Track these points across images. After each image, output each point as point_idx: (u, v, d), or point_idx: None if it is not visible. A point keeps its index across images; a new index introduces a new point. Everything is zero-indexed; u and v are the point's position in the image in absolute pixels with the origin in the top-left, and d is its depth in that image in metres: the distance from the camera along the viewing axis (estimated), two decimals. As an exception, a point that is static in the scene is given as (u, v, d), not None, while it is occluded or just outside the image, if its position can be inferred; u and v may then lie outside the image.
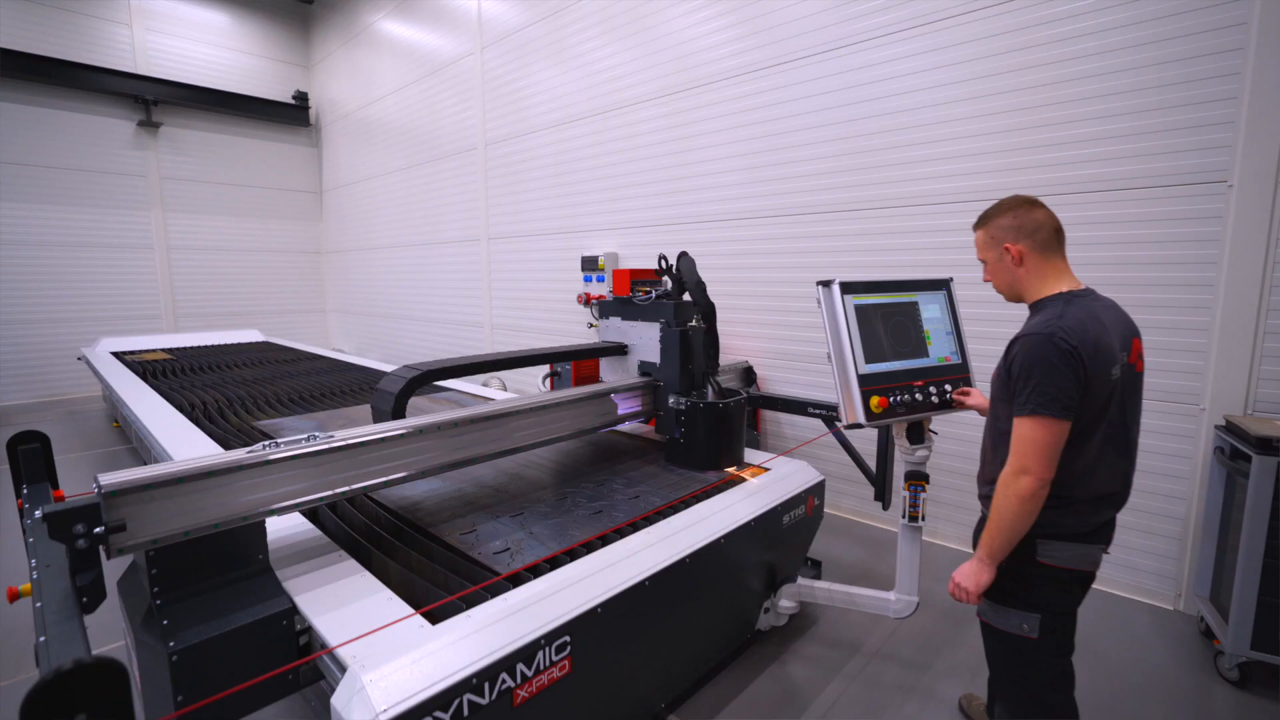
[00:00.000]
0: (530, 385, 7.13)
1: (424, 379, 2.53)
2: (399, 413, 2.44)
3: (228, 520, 1.73)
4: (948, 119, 3.78)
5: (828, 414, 3.49)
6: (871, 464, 3.46)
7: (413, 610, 1.68)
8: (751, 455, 3.16)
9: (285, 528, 2.18)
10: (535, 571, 1.92)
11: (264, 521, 1.84)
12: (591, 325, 6.25)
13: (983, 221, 1.88)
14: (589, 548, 2.10)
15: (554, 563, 1.99)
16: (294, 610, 1.70)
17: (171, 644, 1.49)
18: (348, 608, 1.71)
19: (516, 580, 1.87)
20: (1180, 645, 2.97)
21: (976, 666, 2.78)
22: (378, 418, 2.51)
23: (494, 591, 1.80)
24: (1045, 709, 1.80)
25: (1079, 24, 3.26)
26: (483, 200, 7.54)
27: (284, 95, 10.72)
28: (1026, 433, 1.62)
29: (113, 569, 1.74)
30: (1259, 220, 2.84)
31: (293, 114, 10.74)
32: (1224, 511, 2.87)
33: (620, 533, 2.23)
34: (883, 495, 3.40)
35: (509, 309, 7.43)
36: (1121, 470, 1.72)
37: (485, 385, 6.33)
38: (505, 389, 7.06)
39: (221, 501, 1.73)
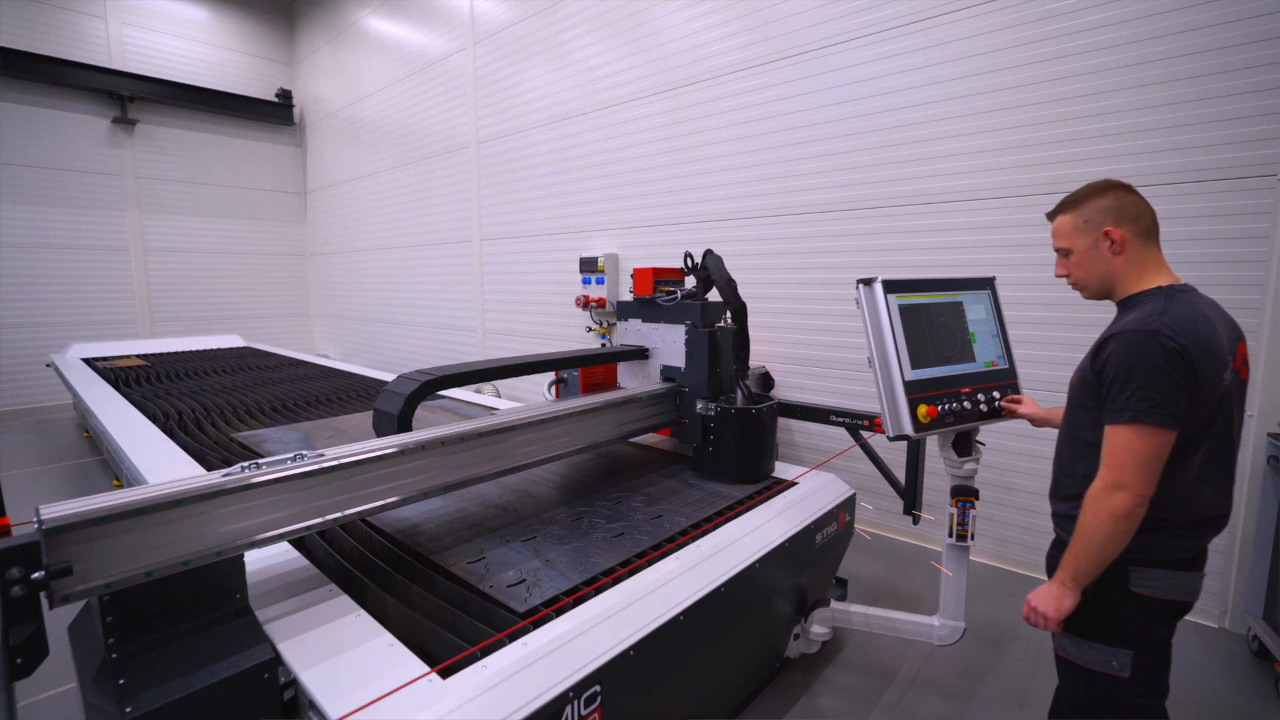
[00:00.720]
0: (525, 392, 6.87)
1: (436, 385, 2.28)
2: (405, 422, 2.19)
3: (200, 555, 1.47)
4: (966, 113, 3.62)
5: (851, 422, 3.28)
6: (898, 474, 3.26)
7: (420, 663, 1.43)
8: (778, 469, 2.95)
9: (267, 557, 1.92)
10: (555, 607, 1.68)
11: (243, 555, 1.59)
12: (591, 329, 6.02)
13: (1072, 204, 1.63)
14: (613, 576, 1.87)
15: (575, 595, 1.75)
16: (277, 660, 1.45)
17: (128, 709, 1.24)
18: (342, 657, 1.46)
19: (535, 618, 1.63)
20: (1233, 666, 2.79)
21: (1023, 695, 2.58)
22: (380, 428, 2.26)
23: (511, 633, 1.56)
24: None
25: (1110, 12, 3.10)
26: (475, 200, 7.28)
27: (267, 93, 10.39)
28: (1124, 443, 1.41)
29: (60, 617, 1.48)
30: (1311, 215, 2.69)
31: (276, 112, 10.41)
32: (1279, 524, 2.70)
33: (646, 558, 2.00)
34: (913, 509, 3.20)
35: (503, 313, 7.17)
36: (1226, 490, 1.52)
37: (478, 392, 6.06)
38: (499, 395, 6.80)
39: (193, 534, 1.47)
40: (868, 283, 2.19)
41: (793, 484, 2.69)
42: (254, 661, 1.41)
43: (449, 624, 1.63)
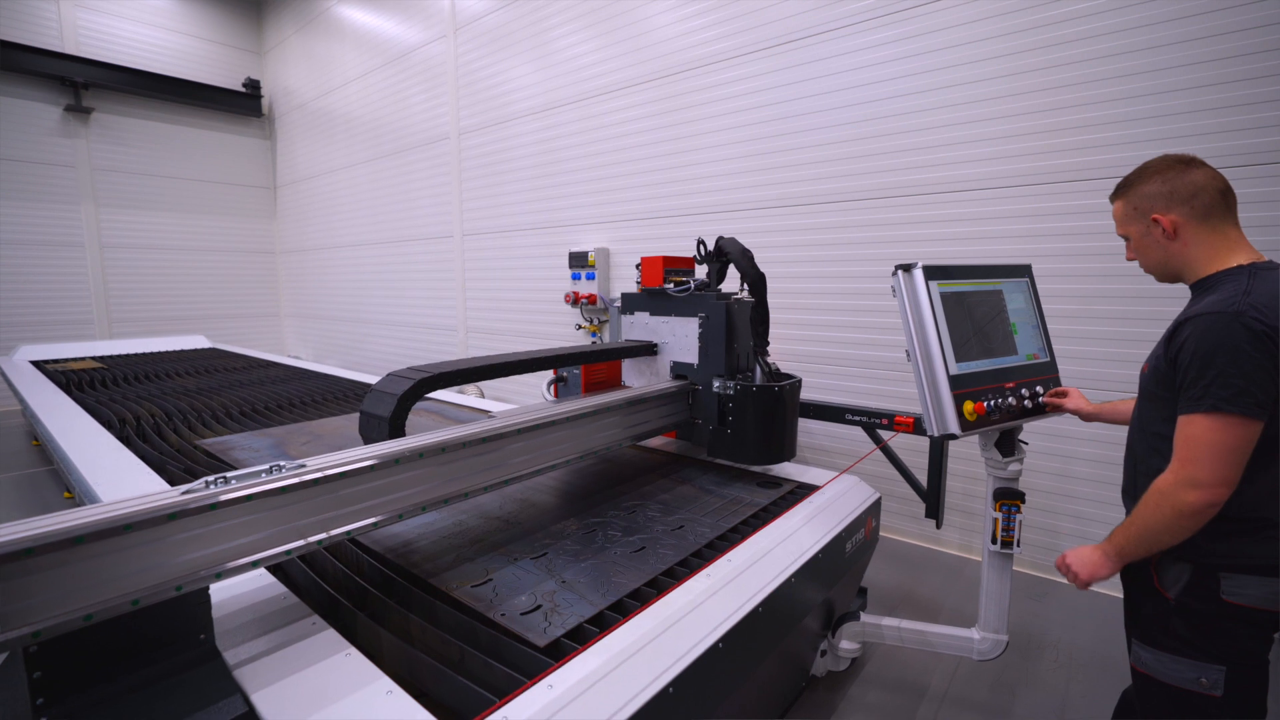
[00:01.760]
0: (510, 393, 6.60)
1: (432, 383, 2.03)
2: (398, 426, 1.94)
3: (154, 591, 1.21)
4: (972, 100, 3.50)
5: (869, 421, 3.10)
6: (919, 475, 3.10)
7: (427, 715, 1.20)
8: (798, 472, 2.77)
9: (237, 584, 1.66)
10: (583, 644, 1.46)
11: (207, 588, 1.33)
12: (581, 327, 5.79)
13: (1122, 190, 1.54)
14: (639, 599, 1.65)
15: (600, 622, 1.53)
16: (251, 716, 1.20)
17: (61, 790, 0.99)
18: (331, 710, 1.22)
19: (563, 661, 1.41)
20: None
21: (1060, 708, 2.43)
22: (369, 433, 2.00)
23: (528, 670, 1.33)
24: None
25: (1134, -8, 3.00)
26: (456, 194, 6.99)
27: (233, 83, 9.91)
28: (1201, 434, 1.28)
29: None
30: (1344, 202, 2.60)
31: (243, 103, 9.94)
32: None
33: (674, 575, 1.79)
34: (936, 512, 3.04)
35: (486, 311, 6.89)
36: None
37: (460, 393, 5.78)
38: (483, 396, 6.52)
39: (145, 565, 1.21)
40: (907, 269, 2.01)
41: (817, 488, 2.50)
42: (223, 719, 1.16)
43: (456, 662, 1.39)
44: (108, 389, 4.79)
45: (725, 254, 2.74)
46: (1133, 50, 3.02)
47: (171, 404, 4.07)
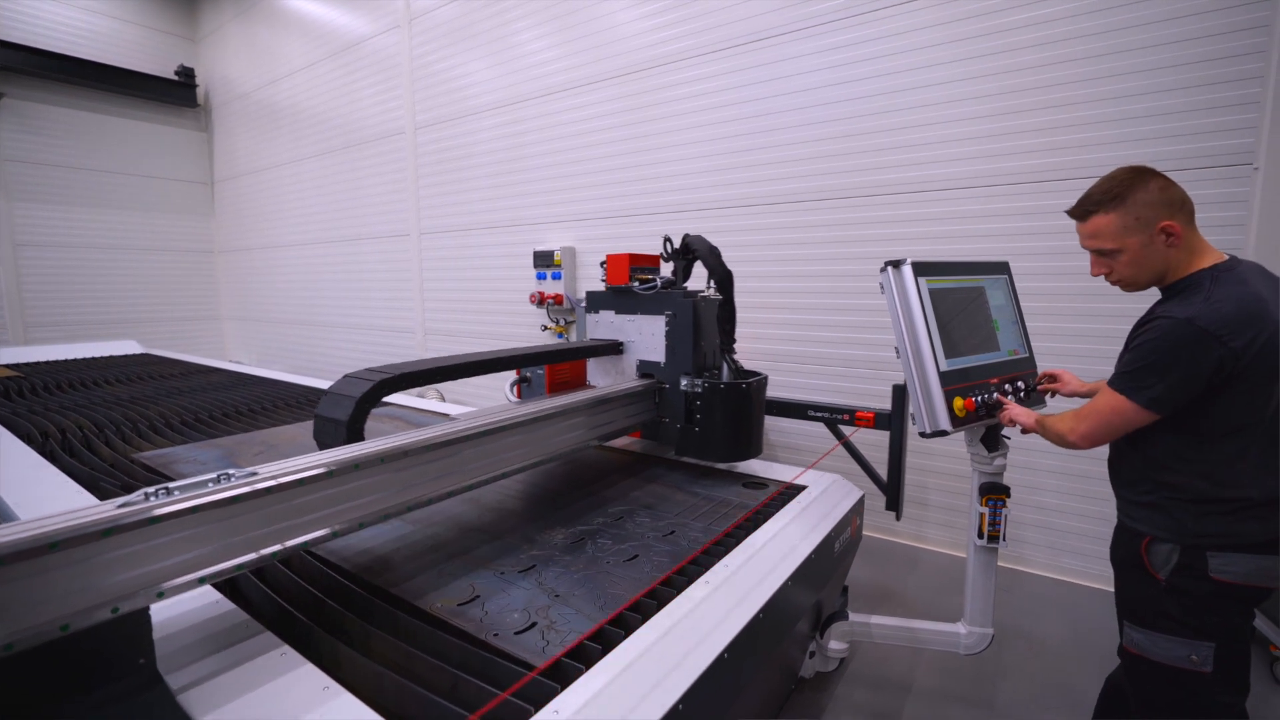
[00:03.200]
0: (473, 397, 6.39)
1: (392, 385, 1.90)
2: (357, 430, 1.81)
3: (85, 613, 1.08)
4: (945, 100, 3.56)
5: (831, 417, 3.11)
6: (879, 469, 3.12)
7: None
8: (763, 469, 2.74)
9: (182, 603, 1.50)
10: (579, 655, 1.37)
11: (147, 609, 1.20)
12: (547, 328, 5.65)
13: (1114, 201, 1.51)
14: (639, 609, 1.57)
15: (601, 637, 1.44)
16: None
17: None
18: None
19: (557, 672, 1.31)
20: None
21: (1041, 695, 2.48)
22: (325, 438, 1.86)
23: (530, 695, 1.23)
24: None
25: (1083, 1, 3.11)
26: (412, 190, 6.73)
27: (165, 70, 9.28)
28: (1105, 403, 1.51)
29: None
30: (1285, 203, 2.75)
31: (175, 92, 9.32)
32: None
33: (671, 584, 1.71)
34: (896, 504, 3.07)
35: (446, 312, 6.66)
36: None
37: (420, 396, 5.55)
38: (444, 400, 6.28)
39: (75, 586, 1.08)
40: (896, 265, 2.00)
41: (803, 489, 2.48)
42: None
43: (447, 689, 1.28)
44: (25, 399, 4.36)
45: (692, 251, 2.70)
46: (1100, 55, 3.12)
47: (102, 414, 3.73)
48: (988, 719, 2.36)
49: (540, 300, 5.40)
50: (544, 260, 5.39)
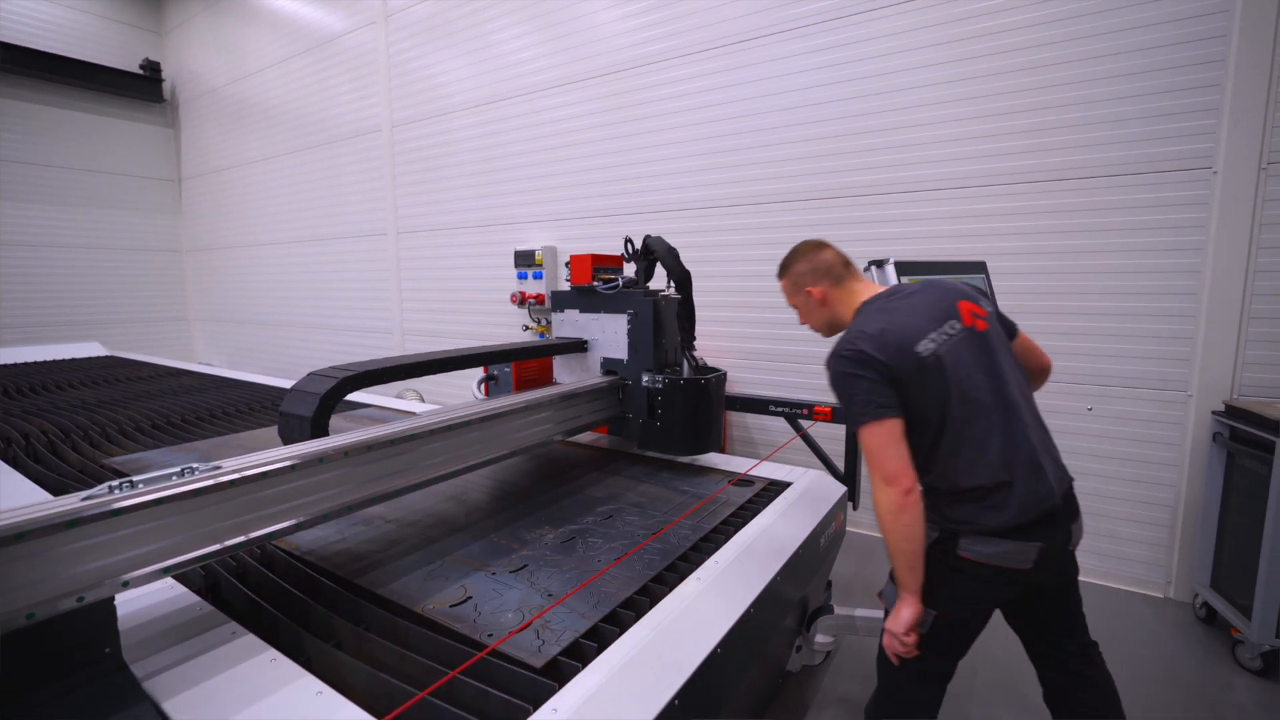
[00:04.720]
0: (453, 398, 6.33)
1: (355, 382, 1.91)
2: (321, 426, 1.81)
3: (51, 602, 1.11)
4: (928, 102, 3.63)
5: (790, 412, 3.17)
6: (838, 462, 3.18)
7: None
8: (723, 461, 2.81)
9: (147, 594, 1.52)
10: (574, 653, 1.37)
11: (112, 599, 1.22)
12: (529, 328, 5.62)
13: (781, 270, 1.85)
14: (632, 606, 1.58)
15: (596, 635, 1.45)
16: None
17: None
18: (251, 711, 1.11)
19: (554, 671, 1.31)
20: (1186, 634, 2.93)
21: (1015, 682, 2.55)
22: (290, 435, 1.86)
23: (526, 694, 1.24)
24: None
25: (1061, 7, 3.20)
26: (390, 189, 6.63)
27: (129, 64, 9.01)
28: (867, 443, 1.48)
29: None
30: (1243, 206, 2.87)
31: (140, 86, 9.05)
32: (1224, 498, 2.86)
33: (662, 580, 1.72)
34: (854, 495, 3.14)
35: (424, 312, 6.58)
36: (1004, 452, 1.49)
37: (400, 397, 5.48)
38: (423, 400, 6.21)
39: (41, 575, 1.11)
40: (880, 264, 2.05)
41: (787, 484, 2.51)
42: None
43: (444, 693, 1.27)
44: (-15, 404, 4.20)
45: (652, 252, 2.74)
46: (1067, 62, 3.22)
47: (68, 419, 3.61)
48: (968, 707, 2.42)
49: (521, 300, 5.37)
50: (525, 260, 5.37)
